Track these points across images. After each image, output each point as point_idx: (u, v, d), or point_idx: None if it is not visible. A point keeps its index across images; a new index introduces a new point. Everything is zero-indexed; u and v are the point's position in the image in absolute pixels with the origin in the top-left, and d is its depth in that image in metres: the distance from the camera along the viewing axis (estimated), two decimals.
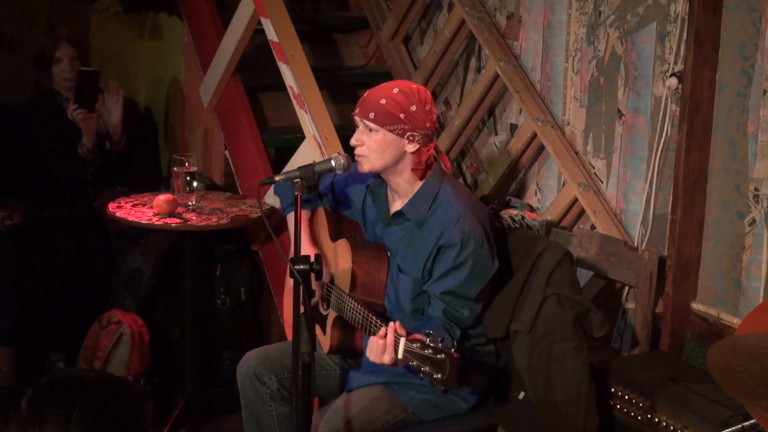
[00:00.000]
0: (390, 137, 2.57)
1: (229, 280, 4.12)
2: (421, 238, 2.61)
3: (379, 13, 4.51)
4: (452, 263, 2.53)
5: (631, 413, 2.64)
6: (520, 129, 3.64)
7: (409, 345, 2.25)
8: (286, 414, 2.77)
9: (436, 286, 2.55)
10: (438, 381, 2.19)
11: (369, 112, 2.58)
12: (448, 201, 2.59)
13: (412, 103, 2.57)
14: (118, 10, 4.96)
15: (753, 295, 2.82)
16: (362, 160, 2.62)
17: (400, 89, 2.59)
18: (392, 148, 2.58)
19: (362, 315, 2.52)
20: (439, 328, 2.51)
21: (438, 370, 2.19)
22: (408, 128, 2.56)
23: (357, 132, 2.63)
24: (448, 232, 2.54)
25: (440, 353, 2.19)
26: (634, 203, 3.25)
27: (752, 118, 2.79)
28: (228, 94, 4.24)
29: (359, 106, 2.62)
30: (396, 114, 2.55)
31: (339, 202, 2.89)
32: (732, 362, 1.93)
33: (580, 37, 3.43)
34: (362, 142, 2.60)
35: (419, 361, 2.22)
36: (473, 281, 2.56)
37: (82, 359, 3.92)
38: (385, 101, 2.56)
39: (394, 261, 2.68)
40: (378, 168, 2.62)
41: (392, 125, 2.56)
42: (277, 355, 2.82)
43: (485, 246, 2.57)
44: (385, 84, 2.65)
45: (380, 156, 2.58)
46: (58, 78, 4.11)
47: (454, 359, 2.19)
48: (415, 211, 2.62)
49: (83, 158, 4.02)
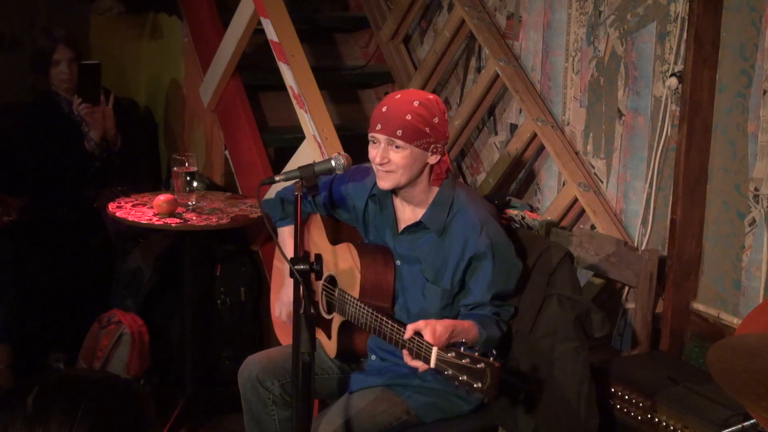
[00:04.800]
0: (417, 152, 2.53)
1: (229, 280, 4.11)
2: (445, 247, 2.59)
3: (379, 13, 4.51)
4: (491, 271, 2.54)
5: (631, 413, 2.64)
6: (520, 129, 3.64)
7: (442, 354, 2.24)
8: (288, 418, 2.75)
9: (484, 294, 2.56)
10: (478, 390, 2.18)
11: (396, 130, 2.52)
12: (465, 208, 2.59)
13: (434, 116, 2.54)
14: (121, 10, 4.96)
15: (753, 295, 2.82)
16: (388, 177, 2.57)
17: (420, 102, 2.54)
18: (418, 163, 2.55)
19: (374, 318, 2.51)
20: (493, 323, 2.54)
21: (477, 380, 2.17)
22: (432, 141, 2.54)
23: (380, 149, 2.55)
24: (474, 240, 2.54)
25: (479, 363, 2.18)
26: (634, 203, 3.25)
27: (752, 118, 2.79)
28: (228, 94, 4.24)
29: (381, 123, 2.54)
30: (423, 129, 2.52)
31: (336, 204, 2.85)
32: (732, 362, 1.93)
33: (580, 37, 3.43)
34: (388, 159, 2.55)
35: (455, 370, 2.21)
36: (511, 279, 2.60)
37: (82, 359, 3.92)
38: (411, 117, 2.51)
39: (410, 269, 2.66)
40: (403, 183, 2.58)
41: (420, 140, 2.52)
42: (280, 360, 2.80)
43: (510, 245, 2.61)
44: (400, 97, 2.58)
45: (407, 172, 2.55)
46: (57, 80, 4.11)
47: (494, 368, 2.18)
48: (435, 220, 2.60)
49: (91, 152, 4.02)
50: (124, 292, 4.07)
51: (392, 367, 2.70)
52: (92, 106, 3.98)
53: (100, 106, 4.01)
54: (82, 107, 3.97)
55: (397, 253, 2.68)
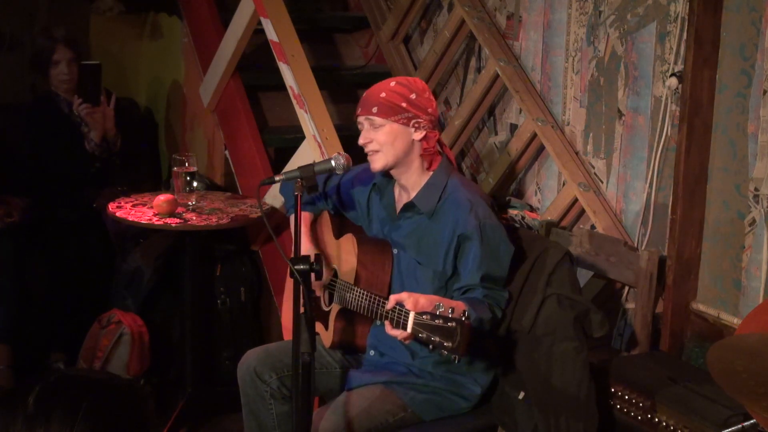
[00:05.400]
0: (397, 127, 2.63)
1: (229, 280, 4.11)
2: (436, 229, 2.64)
3: (379, 13, 4.51)
4: (480, 252, 2.56)
5: (631, 413, 2.64)
6: (520, 129, 3.64)
7: (418, 318, 2.27)
8: (286, 412, 2.77)
9: (473, 275, 2.58)
10: (449, 349, 2.21)
11: (371, 107, 2.63)
12: (457, 190, 2.65)
13: (411, 92, 2.65)
14: (121, 10, 4.96)
15: (753, 295, 2.82)
16: (375, 157, 2.66)
17: (397, 82, 2.68)
18: (401, 138, 2.63)
19: (367, 299, 2.54)
20: (484, 305, 2.55)
21: (448, 338, 2.21)
22: (412, 115, 2.63)
23: (363, 132, 2.67)
24: (463, 220, 2.58)
25: (451, 321, 2.21)
26: (634, 203, 3.25)
27: (752, 118, 2.79)
28: (228, 94, 4.24)
29: (360, 106, 2.68)
30: (398, 104, 2.62)
31: (345, 203, 2.92)
32: (732, 362, 1.93)
33: (580, 37, 3.43)
34: (370, 138, 2.65)
35: (428, 332, 2.24)
36: (502, 261, 2.62)
37: (82, 359, 3.91)
38: (385, 94, 2.63)
39: (406, 256, 2.69)
40: (391, 162, 2.65)
41: (397, 115, 2.62)
42: (278, 353, 2.82)
43: (501, 226, 2.64)
44: (381, 81, 2.71)
45: (391, 148, 2.63)
46: (57, 80, 4.11)
47: (464, 326, 2.21)
48: (426, 201, 2.66)
49: (91, 153, 4.02)
50: (124, 292, 4.07)
51: (391, 364, 2.71)
52: (92, 106, 3.98)
53: (101, 107, 4.00)
54: (82, 108, 3.97)
55: (395, 241, 2.72)
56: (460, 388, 2.68)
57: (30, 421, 1.38)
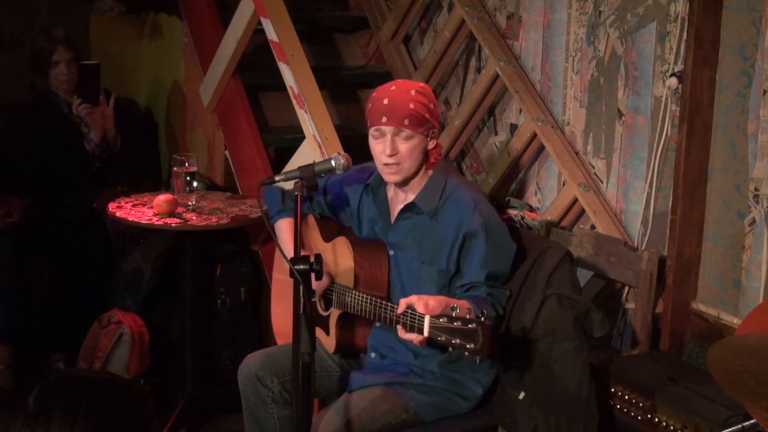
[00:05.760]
0: (421, 139, 2.62)
1: (229, 280, 4.11)
2: (438, 228, 2.63)
3: (379, 13, 4.52)
4: (485, 249, 2.57)
5: (631, 413, 2.64)
6: (520, 129, 3.64)
7: (434, 321, 2.26)
8: (288, 416, 2.76)
9: (478, 273, 2.58)
10: (471, 351, 2.20)
11: (403, 119, 2.58)
12: (458, 190, 2.65)
13: (431, 101, 2.64)
14: (121, 10, 4.96)
15: (753, 295, 2.82)
16: (396, 170, 2.63)
17: (416, 90, 2.62)
18: (420, 149, 2.63)
19: (371, 302, 2.53)
20: (488, 304, 2.55)
21: (470, 340, 2.20)
22: (431, 126, 2.63)
23: (387, 142, 2.60)
24: (468, 218, 2.58)
25: (470, 323, 2.20)
26: (634, 203, 3.25)
27: (752, 118, 2.79)
28: (228, 94, 4.24)
29: (386, 115, 2.59)
30: (425, 116, 2.60)
31: (333, 206, 2.88)
32: (732, 362, 1.93)
33: (580, 37, 3.43)
34: (397, 150, 2.60)
35: (447, 334, 2.23)
36: (505, 260, 2.63)
37: (82, 359, 3.92)
38: (414, 105, 2.58)
39: (405, 256, 2.68)
40: (410, 175, 2.65)
41: (422, 127, 2.61)
42: (279, 357, 2.80)
43: (503, 225, 2.65)
44: (396, 88, 2.64)
45: (414, 161, 2.63)
46: (56, 81, 4.10)
47: (486, 326, 2.20)
48: (427, 201, 2.65)
49: (91, 153, 4.01)
50: (124, 292, 4.07)
51: (392, 365, 2.71)
52: (92, 106, 3.98)
53: (100, 107, 4.00)
54: (82, 108, 3.96)
55: (391, 243, 2.71)
56: (462, 388, 2.68)
57: (30, 421, 1.38)
